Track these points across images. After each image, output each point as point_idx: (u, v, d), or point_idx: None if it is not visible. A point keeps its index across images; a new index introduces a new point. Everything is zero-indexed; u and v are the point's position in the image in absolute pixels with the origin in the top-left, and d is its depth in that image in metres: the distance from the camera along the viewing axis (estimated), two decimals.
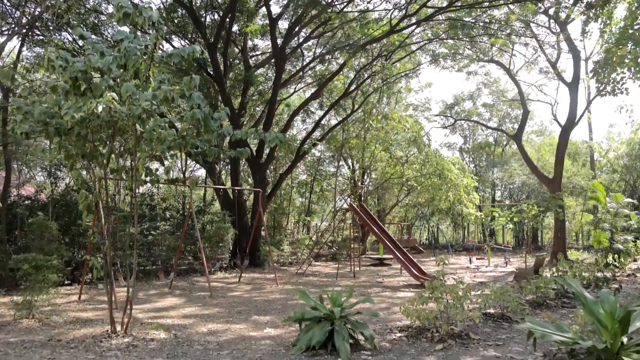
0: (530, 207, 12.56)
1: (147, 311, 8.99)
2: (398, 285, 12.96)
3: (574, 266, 10.94)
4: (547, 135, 36.09)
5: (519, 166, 30.70)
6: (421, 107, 29.26)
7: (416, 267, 13.30)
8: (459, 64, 22.35)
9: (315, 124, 20.24)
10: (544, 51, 19.46)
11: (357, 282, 13.66)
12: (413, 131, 24.23)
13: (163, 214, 15.73)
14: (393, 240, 14.58)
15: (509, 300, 8.26)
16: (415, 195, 27.26)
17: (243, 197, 18.34)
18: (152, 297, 10.83)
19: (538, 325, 4.50)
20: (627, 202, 17.03)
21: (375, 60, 18.35)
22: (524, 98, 20.85)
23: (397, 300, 10.49)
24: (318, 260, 20.86)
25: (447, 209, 29.96)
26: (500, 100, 29.87)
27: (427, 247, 29.17)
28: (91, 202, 6.34)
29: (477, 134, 36.06)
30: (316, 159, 30.22)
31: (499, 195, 35.71)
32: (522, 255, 21.12)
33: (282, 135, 6.85)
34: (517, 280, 13.45)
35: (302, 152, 19.38)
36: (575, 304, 10.11)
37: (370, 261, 20.31)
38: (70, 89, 5.82)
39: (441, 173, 22.90)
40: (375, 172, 27.43)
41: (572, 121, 18.56)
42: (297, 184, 31.50)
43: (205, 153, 7.08)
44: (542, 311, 9.35)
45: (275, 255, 18.65)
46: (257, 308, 9.40)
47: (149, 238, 14.26)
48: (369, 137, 24.65)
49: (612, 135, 29.87)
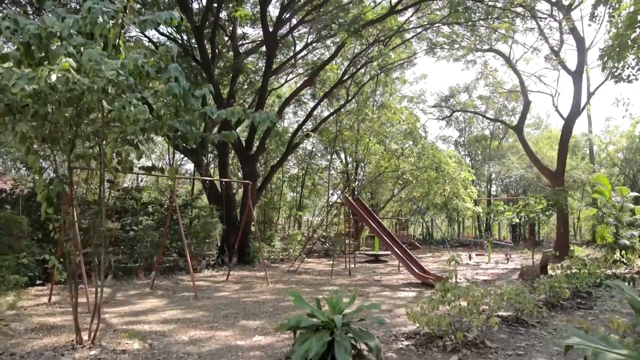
0: (538, 201, 11.78)
1: (123, 315, 8.11)
2: (397, 284, 12.15)
3: (588, 264, 10.18)
4: (544, 128, 35.47)
5: (517, 159, 30.05)
6: (416, 99, 28.48)
7: (417, 264, 12.51)
8: (457, 53, 21.53)
9: (308, 115, 19.34)
10: (547, 39, 18.71)
11: (354, 281, 12.85)
12: (409, 123, 23.40)
13: (145, 207, 14.77)
14: (392, 236, 13.78)
15: (525, 302, 7.49)
16: (410, 190, 26.47)
17: (232, 190, 17.42)
18: (132, 299, 9.95)
19: (586, 340, 3.67)
20: (633, 195, 16.39)
21: (371, 47, 17.48)
22: (524, 87, 20.09)
23: (398, 301, 9.69)
24: (311, 256, 20.03)
25: (442, 203, 29.26)
26: (497, 92, 29.13)
27: (422, 242, 28.42)
28: (52, 193, 5.45)
29: (473, 127, 35.36)
30: (308, 152, 29.42)
31: (494, 190, 35.04)
32: (522, 251, 20.42)
33: (274, 115, 5.98)
34: (523, 278, 12.72)
35: (293, 144, 18.49)
36: (590, 305, 9.40)
37: (365, 257, 19.48)
38: (22, 58, 4.91)
39: (438, 166, 22.10)
40: (369, 166, 26.61)
41: (577, 111, 17.82)
42: (289, 178, 30.67)
43: (185, 137, 6.19)
44: (558, 313, 8.62)
45: (266, 252, 17.79)
46: (246, 311, 8.55)
47: (130, 234, 13.32)
48: (363, 128, 23.82)
49: (611, 129, 29.35)
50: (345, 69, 19.16)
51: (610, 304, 9.50)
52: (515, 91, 26.44)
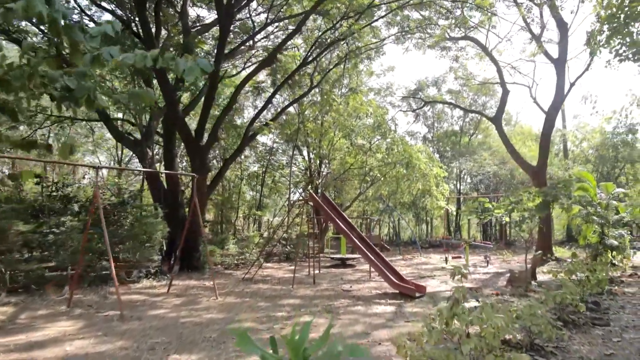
0: (533, 197, 10.23)
1: (12, 350, 5.96)
2: (370, 295, 10.32)
3: (598, 269, 8.61)
4: (514, 124, 34.47)
5: (489, 155, 28.84)
6: (384, 92, 26.82)
7: (393, 271, 10.73)
8: (430, 40, 19.94)
9: (266, 102, 17.23)
10: (528, 24, 17.32)
11: (319, 291, 10.94)
12: (376, 115, 21.67)
13: (71, 205, 12.41)
14: (362, 237, 11.95)
15: (541, 322, 5.79)
16: (377, 188, 24.77)
17: (179, 186, 15.22)
18: (37, 321, 7.72)
19: None
20: (618, 192, 15.21)
21: (338, 24, 15.64)
22: (502, 76, 18.68)
23: (375, 319, 7.85)
24: (270, 260, 18.01)
25: (410, 202, 27.72)
26: (468, 85, 27.83)
27: (390, 243, 26.78)
28: None
29: (442, 122, 34.01)
30: (269, 148, 27.36)
31: (464, 188, 33.78)
32: (502, 253, 18.97)
33: (207, 63, 4.02)
34: (512, 285, 11.11)
35: (250, 134, 16.42)
36: (606, 320, 7.83)
37: (331, 261, 17.56)
38: None
39: (409, 161, 20.44)
40: (333, 162, 24.80)
41: (560, 100, 16.51)
42: (248, 176, 28.50)
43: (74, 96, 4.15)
44: (573, 332, 6.97)
45: (219, 257, 15.66)
46: (182, 338, 6.53)
47: (49, 237, 10.98)
48: (327, 121, 21.97)
49: (582, 125, 28.58)
50: (309, 48, 17.22)
51: (626, 318, 7.96)
52: (489, 83, 25.12)
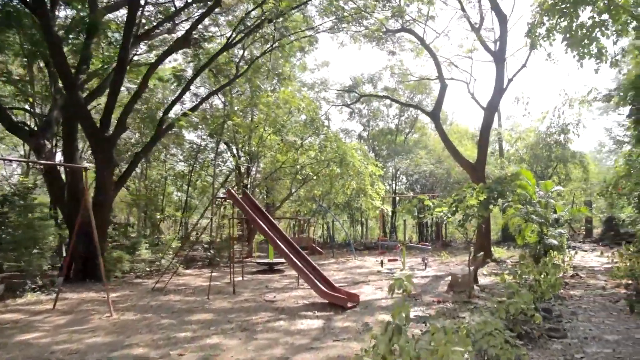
0: (477, 193, 9.22)
1: None
2: (296, 306, 8.88)
3: (550, 272, 7.65)
4: (450, 123, 34.23)
5: (425, 154, 28.25)
6: (318, 87, 25.55)
7: (321, 277, 9.36)
8: (365, 31, 18.84)
9: (184, 87, 15.29)
10: (468, 17, 16.61)
11: (238, 302, 9.37)
12: (309, 111, 20.32)
13: None
14: (288, 240, 10.48)
15: (498, 343, 4.64)
16: (310, 187, 23.42)
17: (80, 183, 13.09)
18: None
19: None
20: (557, 190, 14.74)
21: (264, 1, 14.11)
22: (440, 69, 17.85)
23: (298, 338, 6.43)
24: (191, 266, 16.15)
25: (344, 203, 26.58)
26: (403, 82, 27.13)
27: (323, 246, 25.47)
28: None
29: (378, 120, 33.21)
30: (197, 147, 25.32)
31: (400, 187, 33.10)
32: (440, 255, 18.09)
33: None
34: (454, 290, 10.06)
35: (166, 124, 14.53)
36: (563, 332, 6.83)
37: (257, 267, 15.93)
38: None
39: (343, 159, 19.22)
40: (263, 161, 23.20)
41: (500, 94, 15.87)
42: (174, 176, 26.31)
43: None
44: (528, 348, 5.87)
45: (129, 264, 13.67)
46: None
47: None
48: (258, 116, 20.41)
49: (517, 125, 28.67)
50: (233, 28, 15.51)
51: (582, 327, 7.01)
52: (427, 79, 24.39)
